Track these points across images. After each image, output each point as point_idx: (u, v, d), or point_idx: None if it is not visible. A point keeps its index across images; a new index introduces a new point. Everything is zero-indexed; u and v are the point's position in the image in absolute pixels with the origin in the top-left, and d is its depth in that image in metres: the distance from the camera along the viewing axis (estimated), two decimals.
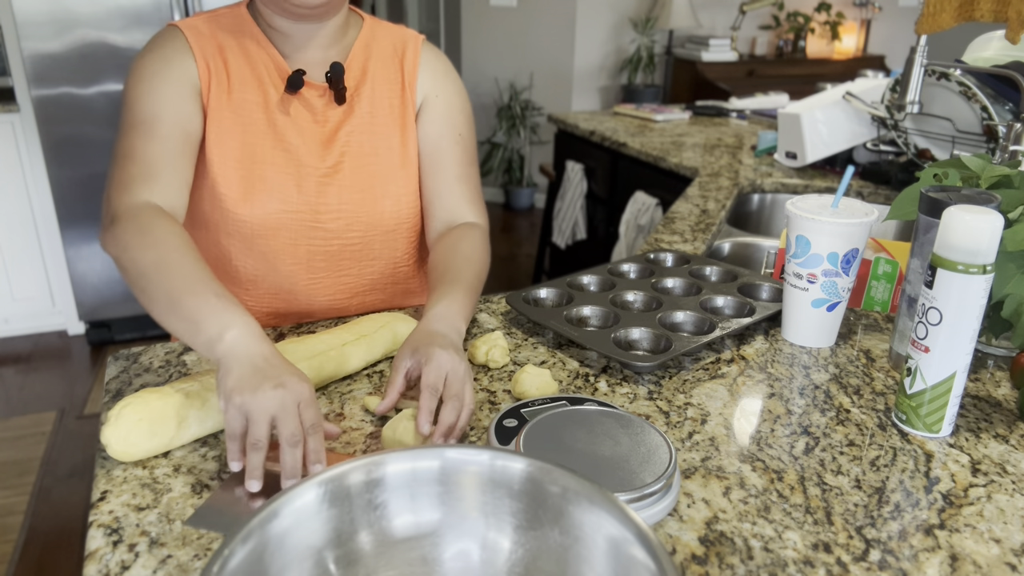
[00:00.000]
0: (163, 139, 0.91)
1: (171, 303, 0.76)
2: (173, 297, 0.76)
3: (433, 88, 1.07)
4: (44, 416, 2.65)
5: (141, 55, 0.96)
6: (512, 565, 0.54)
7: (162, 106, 0.92)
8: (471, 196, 1.09)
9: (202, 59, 0.95)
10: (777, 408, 0.83)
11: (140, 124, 0.92)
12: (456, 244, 1.02)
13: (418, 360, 0.78)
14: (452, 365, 0.76)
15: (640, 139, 2.40)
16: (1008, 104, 1.59)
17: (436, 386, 0.75)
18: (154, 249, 0.81)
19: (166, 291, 0.77)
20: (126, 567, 0.60)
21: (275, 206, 0.98)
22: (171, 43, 0.96)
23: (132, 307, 3.17)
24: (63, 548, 2.05)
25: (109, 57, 2.86)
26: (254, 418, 0.66)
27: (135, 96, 0.93)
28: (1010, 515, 0.67)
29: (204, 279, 0.77)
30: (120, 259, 0.83)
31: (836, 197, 0.94)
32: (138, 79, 0.94)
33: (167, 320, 0.77)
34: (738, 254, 1.54)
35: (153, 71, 0.94)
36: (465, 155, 1.09)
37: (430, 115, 1.07)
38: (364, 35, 1.05)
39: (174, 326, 0.76)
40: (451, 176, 1.07)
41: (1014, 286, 0.85)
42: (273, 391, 0.66)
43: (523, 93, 4.68)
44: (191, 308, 0.74)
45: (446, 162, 1.07)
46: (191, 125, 0.94)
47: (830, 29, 5.06)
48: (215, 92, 0.96)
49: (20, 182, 3.04)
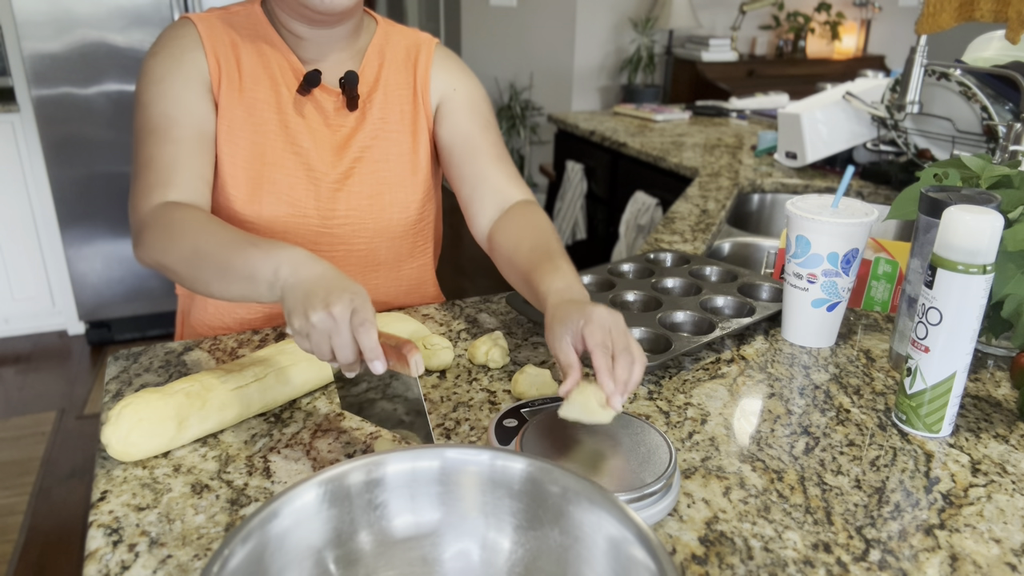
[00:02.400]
0: (178, 142, 0.91)
1: (223, 275, 0.78)
2: (222, 267, 0.77)
3: (449, 84, 1.07)
4: (44, 416, 2.65)
5: (152, 54, 0.95)
6: (512, 565, 0.54)
7: (175, 108, 0.92)
8: (514, 175, 1.06)
9: (212, 54, 0.95)
10: (777, 408, 0.83)
11: (155, 130, 0.92)
12: (531, 220, 0.97)
13: (575, 328, 0.73)
14: (613, 319, 0.73)
15: (640, 139, 2.40)
16: (1008, 104, 1.59)
17: (606, 343, 0.71)
18: (185, 237, 0.82)
19: (215, 266, 0.78)
20: (126, 567, 0.60)
21: (283, 209, 0.98)
22: (182, 39, 0.95)
23: (132, 307, 3.17)
24: (63, 548, 2.05)
25: (109, 57, 2.86)
26: (313, 339, 0.67)
27: (147, 99, 0.93)
28: (1010, 515, 0.67)
29: (238, 238, 0.79)
30: (161, 262, 0.84)
31: (836, 197, 0.94)
32: (150, 81, 0.94)
33: (228, 289, 0.78)
34: (738, 254, 1.54)
35: (164, 72, 0.93)
36: (498, 138, 1.08)
37: (453, 108, 1.06)
38: (378, 39, 1.05)
39: (238, 292, 0.77)
40: (491, 157, 1.05)
41: (1014, 286, 0.85)
42: (323, 311, 0.66)
43: (523, 93, 4.68)
44: (240, 268, 0.76)
45: (483, 146, 1.05)
46: (206, 124, 0.94)
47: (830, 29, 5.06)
48: (226, 88, 0.96)
49: (20, 182, 3.04)
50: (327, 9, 0.91)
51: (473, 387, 0.87)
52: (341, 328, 0.66)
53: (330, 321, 0.66)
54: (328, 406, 0.83)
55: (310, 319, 0.66)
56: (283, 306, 0.71)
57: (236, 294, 0.78)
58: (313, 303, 0.67)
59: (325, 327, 0.66)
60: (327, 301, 0.67)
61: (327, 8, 0.91)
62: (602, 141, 2.51)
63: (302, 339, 0.68)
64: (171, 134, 0.91)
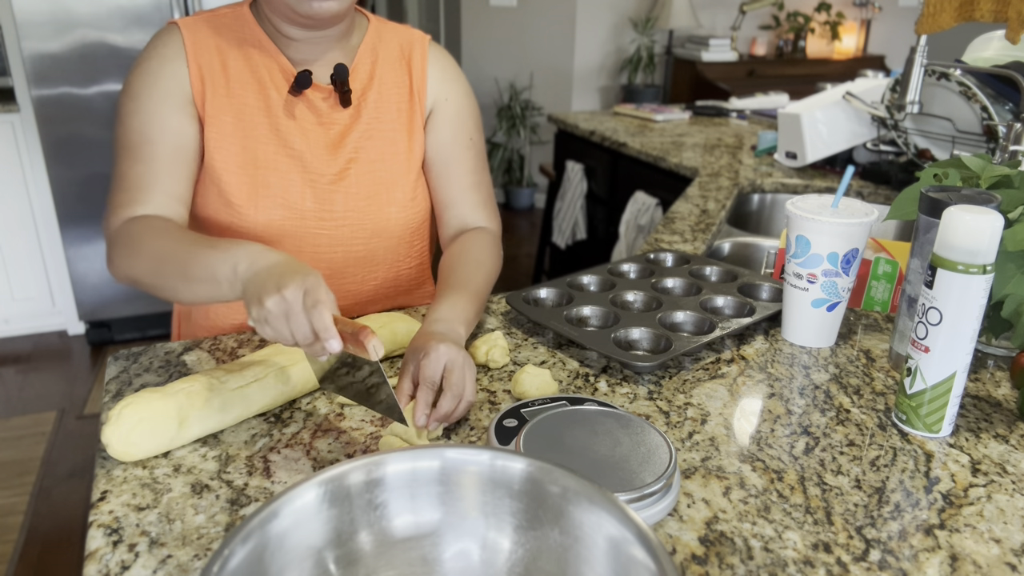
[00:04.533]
0: (150, 160, 0.93)
1: (186, 280, 0.79)
2: (184, 274, 0.79)
3: (442, 92, 1.07)
4: (44, 416, 2.65)
5: (134, 67, 0.96)
6: (512, 565, 0.54)
7: (150, 126, 0.93)
8: (483, 201, 1.09)
9: (195, 64, 0.95)
10: (777, 408, 0.84)
11: (128, 146, 0.94)
12: (466, 249, 1.02)
13: (416, 358, 0.78)
14: (450, 356, 0.77)
15: (640, 139, 2.40)
16: (1008, 104, 1.59)
17: (433, 379, 0.76)
18: (146, 248, 0.85)
19: (178, 274, 0.80)
20: (126, 567, 0.60)
21: (280, 212, 0.98)
22: (163, 49, 0.95)
23: (132, 307, 3.17)
24: (63, 548, 2.05)
25: (109, 57, 2.86)
26: (271, 324, 0.68)
27: (124, 114, 0.94)
28: (1010, 515, 0.67)
29: (196, 242, 0.81)
30: (131, 277, 0.87)
31: (836, 197, 0.94)
32: (127, 96, 0.95)
33: (194, 294, 0.79)
34: (738, 254, 1.54)
35: (140, 87, 0.94)
36: (477, 160, 1.09)
37: (440, 120, 1.07)
38: (370, 37, 1.05)
39: (202, 294, 0.79)
40: (464, 184, 1.08)
41: (1014, 286, 0.85)
42: (276, 294, 0.67)
43: (523, 93, 4.68)
44: (201, 271, 0.77)
45: (458, 169, 1.07)
46: (182, 139, 0.94)
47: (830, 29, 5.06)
48: (211, 96, 0.95)
49: (20, 182, 3.04)
50: (316, 14, 0.91)
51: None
52: (294, 309, 0.67)
53: (283, 304, 0.67)
54: (328, 406, 0.83)
55: (264, 304, 0.67)
56: (243, 300, 0.72)
57: (203, 296, 0.79)
58: (267, 288, 0.68)
59: (280, 310, 0.67)
60: (279, 285, 0.68)
61: (316, 13, 0.91)
62: (602, 141, 2.51)
63: (262, 326, 0.69)
64: (143, 152, 0.93)
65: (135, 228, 0.88)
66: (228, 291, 0.75)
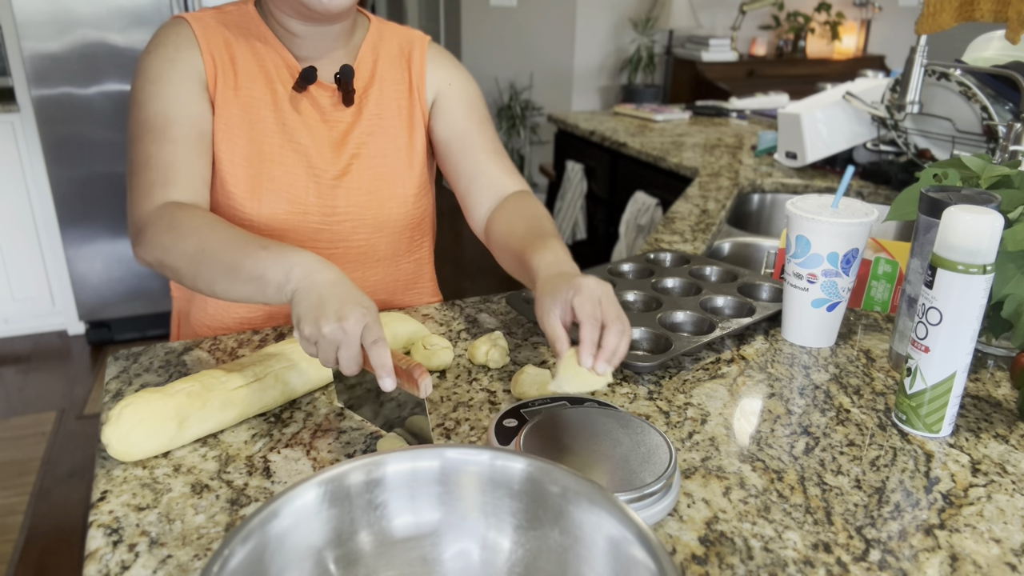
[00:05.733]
0: (177, 141, 0.91)
1: (230, 273, 0.78)
2: (230, 267, 0.78)
3: (444, 79, 1.08)
4: (44, 416, 2.65)
5: (147, 53, 0.95)
6: (512, 565, 0.54)
7: (173, 108, 0.92)
8: (510, 168, 1.08)
9: (208, 52, 0.95)
10: (777, 408, 0.84)
11: (152, 129, 0.92)
12: (526, 208, 1.00)
13: (564, 300, 0.73)
14: (602, 288, 0.73)
15: (640, 139, 2.40)
16: (1008, 104, 1.59)
17: (595, 315, 0.71)
18: (190, 237, 0.83)
19: (221, 266, 0.79)
20: (126, 567, 0.60)
21: (283, 207, 0.98)
22: (176, 38, 0.95)
23: (132, 307, 3.17)
24: (63, 548, 2.05)
25: (109, 57, 2.86)
26: (321, 347, 0.68)
27: (144, 99, 0.93)
28: (1010, 515, 0.67)
29: (247, 240, 0.80)
30: (163, 261, 0.84)
31: (836, 197, 0.94)
32: (146, 80, 0.93)
33: (233, 290, 0.79)
34: (738, 254, 1.54)
35: (160, 71, 0.93)
36: (494, 133, 1.10)
37: (448, 104, 1.07)
38: (371, 36, 1.05)
39: (243, 292, 0.78)
40: (488, 152, 1.07)
41: (1014, 286, 0.85)
42: (336, 323, 0.67)
43: (523, 93, 4.68)
44: (250, 268, 0.76)
45: (479, 140, 1.07)
46: (203, 123, 0.94)
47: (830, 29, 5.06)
48: (221, 87, 0.96)
49: (20, 182, 3.04)
50: (324, 9, 0.91)
51: (473, 387, 0.87)
52: (351, 342, 0.67)
53: (341, 334, 0.67)
54: (328, 406, 0.83)
55: (321, 329, 0.67)
56: (292, 310, 0.71)
57: (240, 295, 0.79)
58: (326, 313, 0.68)
59: (335, 338, 0.67)
60: (340, 314, 0.67)
61: (324, 8, 0.91)
62: (602, 141, 2.51)
63: (309, 345, 0.69)
64: (169, 133, 0.91)
65: (180, 214, 0.86)
66: (274, 295, 0.75)
